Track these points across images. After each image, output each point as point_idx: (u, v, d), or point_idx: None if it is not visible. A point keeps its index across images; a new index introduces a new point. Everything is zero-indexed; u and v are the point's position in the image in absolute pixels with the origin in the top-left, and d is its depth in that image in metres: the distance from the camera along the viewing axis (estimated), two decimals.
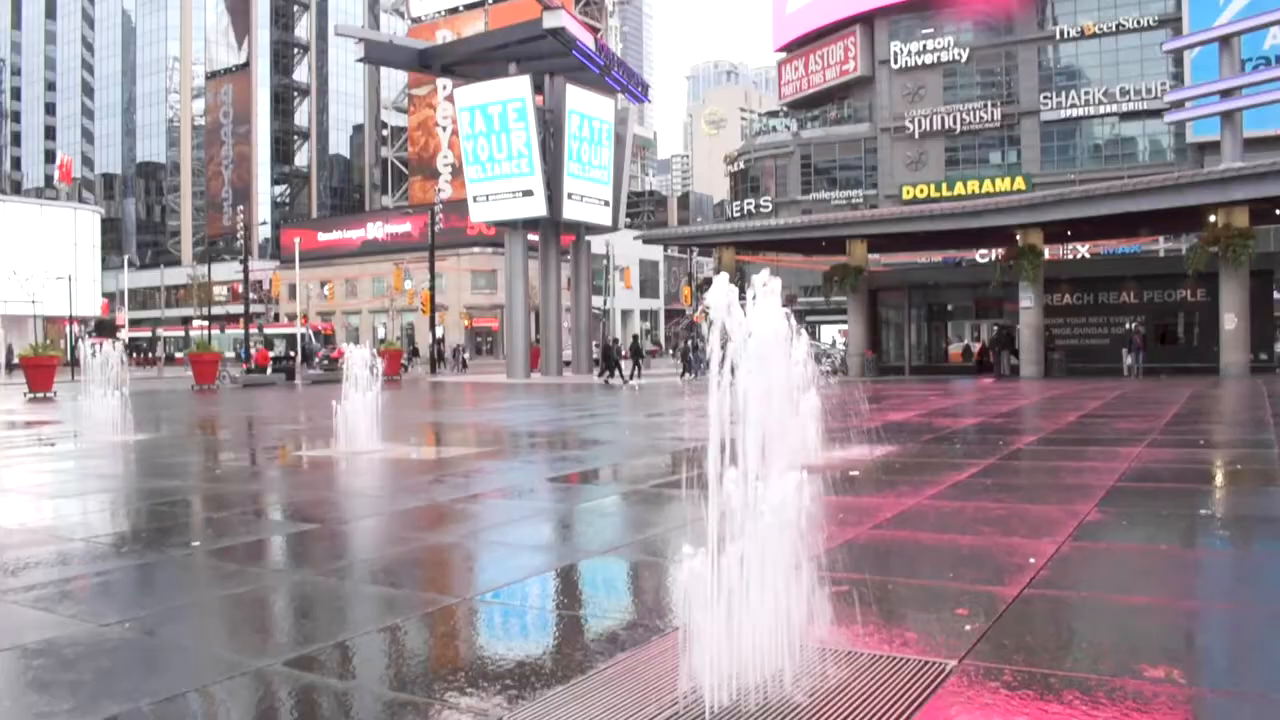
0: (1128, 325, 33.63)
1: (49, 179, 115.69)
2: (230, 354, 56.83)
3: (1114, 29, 54.79)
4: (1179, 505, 7.94)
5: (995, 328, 37.52)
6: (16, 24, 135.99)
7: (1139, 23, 54.19)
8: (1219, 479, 9.64)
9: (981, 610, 4.74)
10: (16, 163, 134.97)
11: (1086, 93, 55.59)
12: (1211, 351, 30.97)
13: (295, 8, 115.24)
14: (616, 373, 35.93)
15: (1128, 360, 32.07)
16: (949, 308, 41.20)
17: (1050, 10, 57.62)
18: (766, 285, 3.77)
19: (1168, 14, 52.94)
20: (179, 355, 65.32)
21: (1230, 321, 29.66)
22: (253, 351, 47.17)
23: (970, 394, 24.52)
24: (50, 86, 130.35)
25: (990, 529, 6.78)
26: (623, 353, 37.95)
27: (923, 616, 4.71)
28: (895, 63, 60.98)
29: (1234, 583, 5.76)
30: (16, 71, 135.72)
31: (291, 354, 48.15)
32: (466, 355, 59.60)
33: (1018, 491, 8.58)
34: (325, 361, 47.92)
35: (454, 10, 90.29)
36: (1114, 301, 35.50)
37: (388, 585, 5.73)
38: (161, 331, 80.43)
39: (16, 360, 40.05)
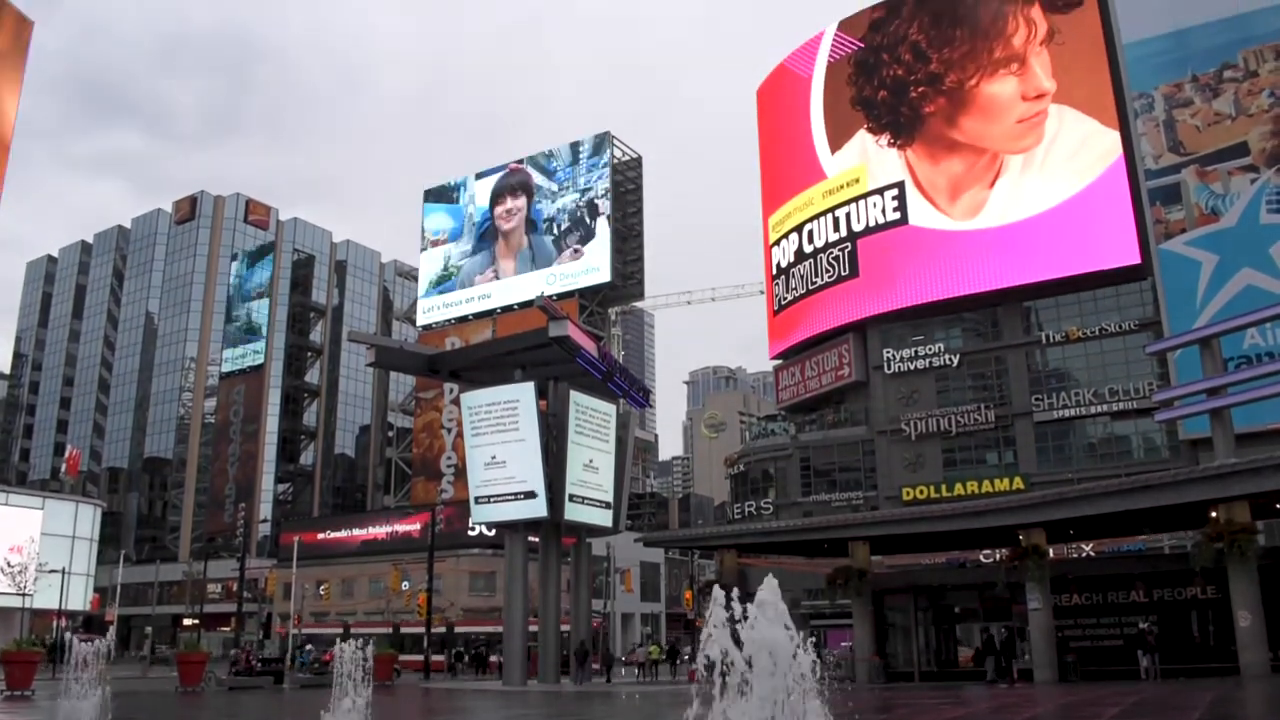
0: (1140, 625, 32.82)
1: (55, 471, 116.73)
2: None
3: (1097, 333, 56.89)
4: None
5: (1003, 630, 36.63)
6: (44, 322, 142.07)
7: (1120, 326, 56.32)
8: None
9: None
10: (25, 454, 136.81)
11: (1076, 394, 56.95)
12: (1229, 651, 29.94)
13: (311, 314, 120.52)
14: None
15: (1144, 662, 31.07)
16: (956, 610, 40.37)
17: (1035, 317, 60.11)
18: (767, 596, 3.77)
19: (1147, 318, 55.10)
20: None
21: (1244, 619, 28.83)
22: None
23: (984, 703, 23.58)
24: (69, 382, 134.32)
25: None
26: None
27: None
28: (888, 368, 62.89)
29: None
30: (38, 367, 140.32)
31: (281, 657, 46.83)
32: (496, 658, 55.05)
33: None
34: (315, 664, 46.49)
35: (463, 319, 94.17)
36: (1124, 601, 34.84)
37: None
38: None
39: None
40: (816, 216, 67.31)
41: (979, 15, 61.85)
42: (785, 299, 69.81)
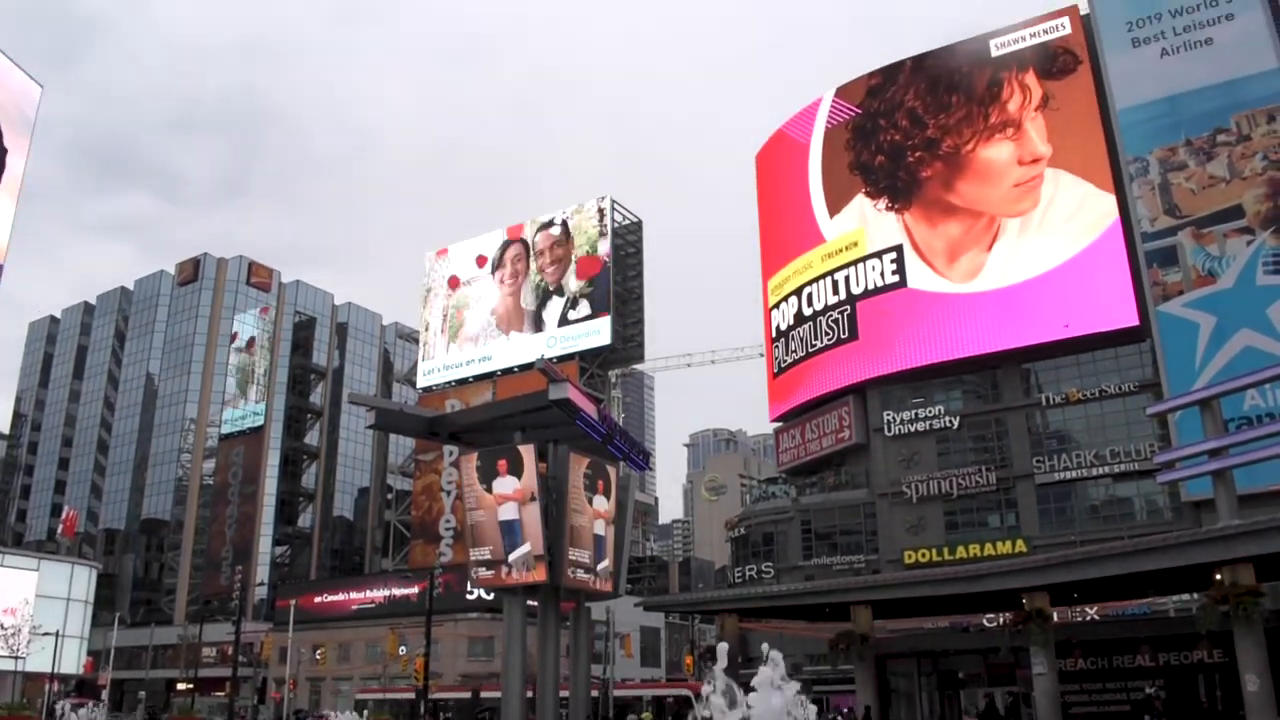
0: (1146, 690, 32.40)
1: (52, 532, 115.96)
2: None
3: (1097, 394, 56.86)
4: None
5: (1008, 695, 36.16)
6: (44, 383, 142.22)
7: (1120, 388, 56.30)
8: None
9: None
10: (22, 515, 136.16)
11: (1078, 455, 56.73)
12: (1238, 715, 29.49)
13: (311, 376, 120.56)
14: None
15: None
16: (960, 675, 39.86)
17: (1035, 379, 60.14)
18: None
19: (1147, 379, 55.10)
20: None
21: (1252, 683, 28.37)
22: None
23: None
24: (67, 442, 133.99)
25: None
26: None
27: None
28: (888, 430, 62.77)
29: None
30: (37, 427, 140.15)
31: None
32: None
33: None
34: None
35: (463, 381, 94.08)
36: (1130, 665, 34.42)
37: None
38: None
39: None
40: (816, 279, 67.72)
41: (974, 82, 62.79)
42: (785, 361, 69.94)
